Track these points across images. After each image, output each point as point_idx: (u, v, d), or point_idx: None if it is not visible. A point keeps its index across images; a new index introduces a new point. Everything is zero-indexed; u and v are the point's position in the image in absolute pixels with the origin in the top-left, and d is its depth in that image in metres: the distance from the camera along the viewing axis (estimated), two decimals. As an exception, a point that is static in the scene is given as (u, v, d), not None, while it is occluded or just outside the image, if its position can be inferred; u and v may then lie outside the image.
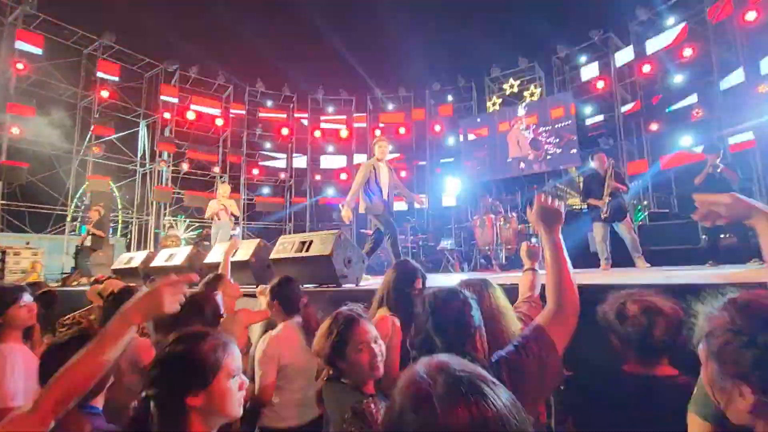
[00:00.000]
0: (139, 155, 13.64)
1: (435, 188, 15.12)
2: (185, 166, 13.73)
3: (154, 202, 13.29)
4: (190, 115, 13.81)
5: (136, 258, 5.90)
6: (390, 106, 16.02)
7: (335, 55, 16.89)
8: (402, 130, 15.61)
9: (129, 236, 13.79)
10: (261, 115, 15.35)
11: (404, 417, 0.61)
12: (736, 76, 9.78)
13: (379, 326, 1.71)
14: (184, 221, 14.88)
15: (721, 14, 10.08)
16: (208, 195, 14.13)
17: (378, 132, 15.66)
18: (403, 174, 15.51)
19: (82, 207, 12.48)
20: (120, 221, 14.21)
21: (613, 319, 1.48)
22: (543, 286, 1.82)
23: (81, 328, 2.15)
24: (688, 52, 10.50)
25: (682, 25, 10.76)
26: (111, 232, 12.71)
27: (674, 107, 10.91)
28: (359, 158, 15.89)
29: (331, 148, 16.00)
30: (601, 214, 5.29)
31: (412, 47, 14.45)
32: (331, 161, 15.97)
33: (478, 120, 14.34)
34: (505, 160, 13.47)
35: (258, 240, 4.51)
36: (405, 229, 9.65)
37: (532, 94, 13.85)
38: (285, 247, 4.08)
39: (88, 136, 12.19)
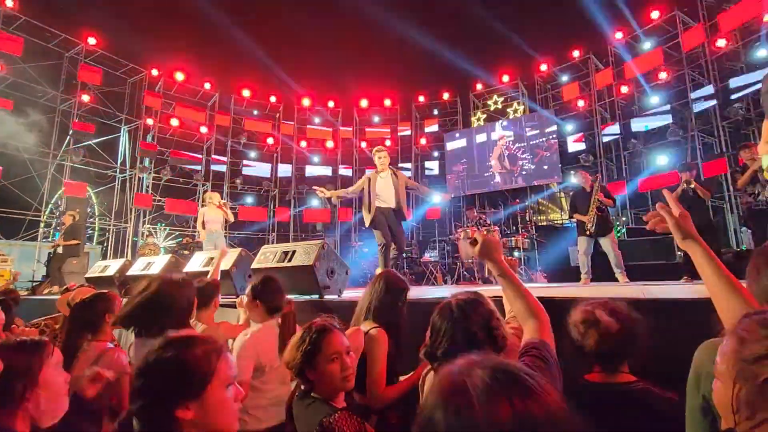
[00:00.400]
0: (119, 161, 13.35)
1: (419, 200, 15.22)
2: (167, 174, 13.50)
3: (133, 210, 12.98)
4: (174, 122, 13.62)
5: (111, 266, 5.73)
6: (376, 119, 16.15)
7: (323, 66, 16.98)
8: (388, 143, 15.73)
9: (106, 244, 13.39)
10: (246, 124, 15.26)
11: (436, 415, 0.54)
12: (708, 99, 10.22)
13: (351, 339, 1.69)
14: (164, 229, 14.56)
15: (693, 41, 10.55)
16: (189, 203, 13.92)
17: (364, 144, 15.78)
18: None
19: (57, 213, 12.10)
20: (97, 228, 13.81)
21: (571, 330, 1.53)
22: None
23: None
24: (663, 74, 10.93)
25: (658, 49, 11.23)
26: (87, 239, 12.33)
27: (651, 127, 11.30)
28: (345, 170, 15.91)
29: (316, 159, 15.98)
30: (586, 230, 5.39)
31: (399, 60, 14.65)
32: (317, 172, 15.93)
33: (458, 135, 14.60)
34: (483, 174, 13.72)
35: (239, 249, 4.44)
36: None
37: (515, 111, 14.16)
38: (267, 256, 4.03)
39: (67, 140, 11.89)
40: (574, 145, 12.93)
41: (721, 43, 9.86)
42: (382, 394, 1.92)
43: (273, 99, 15.66)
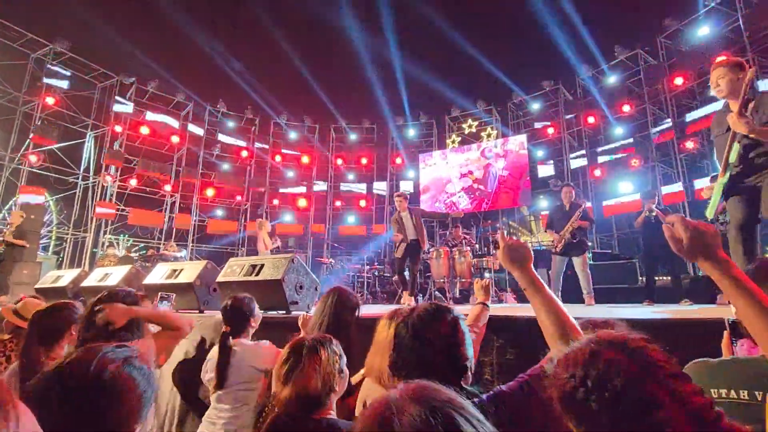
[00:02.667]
0: (82, 168, 12.79)
1: (394, 219, 15.29)
2: (133, 183, 13.02)
3: (94, 219, 12.39)
4: (144, 130, 13.23)
5: (65, 277, 5.38)
6: (353, 137, 16.24)
7: (301, 83, 17.03)
8: (364, 161, 15.81)
9: (62, 254, 12.67)
10: (221, 137, 15.00)
11: None
12: (667, 132, 10.85)
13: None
14: (128, 241, 13.94)
15: (655, 77, 11.23)
16: (156, 214, 13.43)
17: (340, 161, 15.83)
18: (363, 203, 15.58)
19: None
20: (53, 237, 13.08)
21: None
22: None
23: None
24: (626, 107, 11.56)
25: (622, 83, 11.89)
26: (42, 248, 11.62)
27: (615, 156, 11.86)
28: (320, 185, 15.82)
29: (291, 174, 15.83)
30: (554, 248, 5.45)
31: (378, 81, 14.91)
32: (291, 187, 15.77)
33: (432, 156, 14.87)
34: (455, 195, 13.94)
35: (205, 261, 4.27)
36: (362, 258, 9.56)
37: (488, 135, 14.57)
38: (234, 270, 3.88)
39: (26, 143, 11.31)
40: (544, 171, 13.38)
41: (679, 81, 10.56)
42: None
43: (248, 113, 15.51)
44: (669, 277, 5.98)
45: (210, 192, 14.54)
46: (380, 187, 15.80)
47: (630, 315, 2.71)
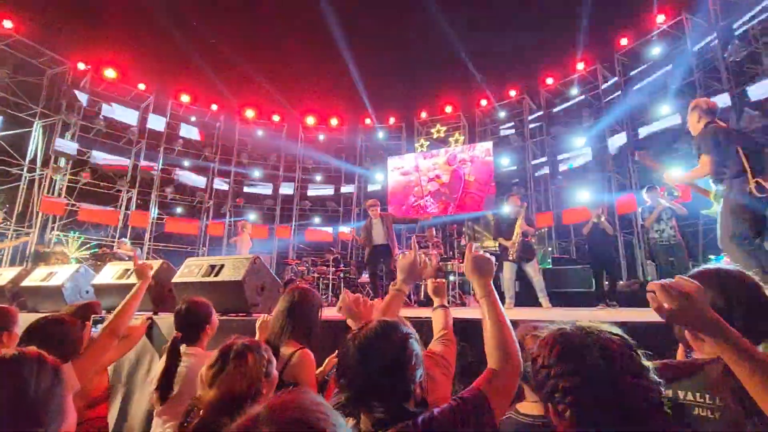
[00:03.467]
0: (28, 159, 11.93)
1: (362, 220, 15.27)
2: (85, 176, 12.28)
3: (40, 214, 11.57)
4: (100, 121, 12.52)
5: (3, 275, 4.99)
6: (321, 137, 16.08)
7: (269, 80, 16.69)
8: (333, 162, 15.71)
9: (3, 251, 11.73)
10: (183, 132, 14.44)
11: None
12: (621, 140, 11.42)
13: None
14: (78, 238, 13.11)
15: (612, 92, 11.83)
16: (110, 212, 12.72)
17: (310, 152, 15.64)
18: (331, 205, 15.44)
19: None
20: (-8, 232, 12.08)
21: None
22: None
23: None
24: (585, 120, 12.09)
25: (581, 97, 12.45)
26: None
27: (575, 165, 12.37)
28: (287, 187, 15.50)
29: (257, 173, 15.46)
30: (509, 255, 5.59)
31: (349, 82, 14.81)
32: (257, 187, 15.37)
33: (401, 159, 14.97)
34: (422, 199, 14.09)
35: (161, 261, 4.06)
36: (327, 260, 9.46)
37: (456, 141, 14.83)
38: (191, 270, 3.72)
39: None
40: (509, 177, 13.76)
41: (635, 96, 11.16)
42: None
43: (214, 107, 15.04)
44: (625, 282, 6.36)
45: (169, 188, 13.93)
46: (348, 189, 15.70)
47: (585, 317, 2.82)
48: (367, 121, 15.93)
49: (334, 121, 16.04)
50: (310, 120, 15.98)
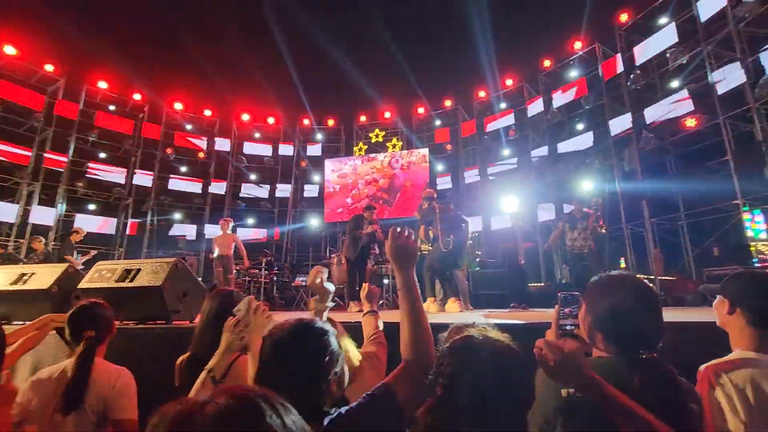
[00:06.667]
0: None
1: (295, 220, 15.11)
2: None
3: None
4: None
5: None
6: (257, 134, 15.53)
7: (203, 73, 15.82)
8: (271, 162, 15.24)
9: None
10: (100, 119, 13.13)
11: None
12: (542, 152, 12.37)
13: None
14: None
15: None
16: (4, 205, 11.22)
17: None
18: (265, 205, 14.95)
19: None
20: None
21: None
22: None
23: None
24: (512, 137, 12.95)
25: (510, 112, 13.33)
26: None
27: (502, 174, 13.19)
28: (217, 186, 14.73)
29: (184, 169, 14.50)
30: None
31: (287, 81, 14.45)
32: (184, 185, 14.35)
33: (339, 162, 14.97)
34: (356, 203, 14.18)
35: (66, 264, 3.68)
36: (259, 263, 9.16)
37: (394, 146, 15.12)
38: (102, 274, 3.41)
39: None
40: (443, 183, 14.30)
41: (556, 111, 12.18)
42: None
43: (137, 97, 13.89)
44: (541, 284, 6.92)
45: (80, 183, 12.57)
46: (284, 189, 15.31)
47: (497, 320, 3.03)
48: (306, 122, 15.69)
49: (270, 120, 15.58)
50: (246, 117, 15.37)
